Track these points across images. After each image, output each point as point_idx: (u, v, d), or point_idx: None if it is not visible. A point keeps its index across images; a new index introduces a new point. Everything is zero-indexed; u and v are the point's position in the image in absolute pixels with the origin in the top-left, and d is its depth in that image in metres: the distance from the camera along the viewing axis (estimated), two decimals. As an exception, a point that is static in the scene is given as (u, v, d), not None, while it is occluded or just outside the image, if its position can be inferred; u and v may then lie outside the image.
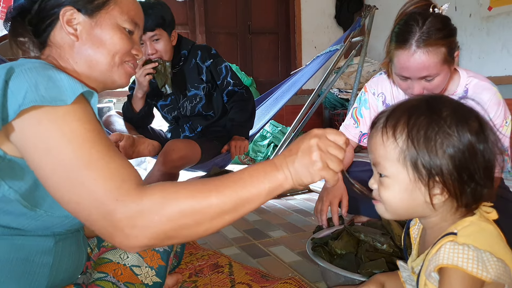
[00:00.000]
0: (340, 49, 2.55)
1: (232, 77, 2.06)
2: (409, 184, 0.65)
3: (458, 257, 0.59)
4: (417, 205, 0.66)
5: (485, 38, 3.40)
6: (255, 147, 3.78)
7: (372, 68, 4.35)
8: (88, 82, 0.83)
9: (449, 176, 0.62)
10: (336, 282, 1.10)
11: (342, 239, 1.22)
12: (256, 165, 0.71)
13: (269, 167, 0.69)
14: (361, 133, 1.59)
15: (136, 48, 0.89)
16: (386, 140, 0.67)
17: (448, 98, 0.68)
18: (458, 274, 0.59)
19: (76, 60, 0.82)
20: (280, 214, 2.08)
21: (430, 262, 0.63)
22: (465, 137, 0.62)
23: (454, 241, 0.61)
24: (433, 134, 0.63)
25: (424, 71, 1.19)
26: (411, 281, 0.72)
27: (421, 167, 0.63)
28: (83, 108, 0.69)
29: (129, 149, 1.78)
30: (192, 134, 2.12)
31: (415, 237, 0.76)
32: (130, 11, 0.87)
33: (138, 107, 1.99)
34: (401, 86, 1.30)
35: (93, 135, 0.67)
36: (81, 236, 0.91)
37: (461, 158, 0.62)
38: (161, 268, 1.03)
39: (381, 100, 1.52)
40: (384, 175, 0.68)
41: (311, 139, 0.68)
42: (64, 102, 0.66)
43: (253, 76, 4.35)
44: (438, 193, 0.64)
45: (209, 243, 1.66)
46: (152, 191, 0.65)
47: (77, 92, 0.67)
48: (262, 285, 1.22)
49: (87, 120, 0.68)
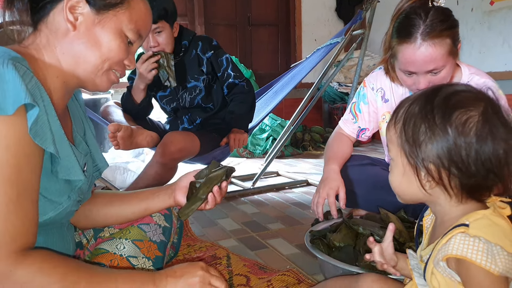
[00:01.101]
0: (340, 42, 2.53)
1: (233, 69, 2.04)
2: (403, 168, 0.68)
3: (468, 249, 0.59)
4: (414, 189, 0.68)
5: (486, 32, 3.39)
6: (253, 141, 3.77)
7: (372, 62, 4.33)
8: (67, 76, 0.77)
9: (432, 163, 0.64)
10: (334, 275, 1.09)
11: (340, 232, 1.21)
12: (135, 274, 0.74)
13: (147, 283, 0.72)
14: (359, 129, 1.57)
15: (129, 59, 0.83)
16: (391, 125, 0.71)
17: (450, 87, 0.67)
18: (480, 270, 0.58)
19: (64, 51, 0.76)
20: (278, 207, 2.07)
21: (439, 252, 0.63)
22: (447, 129, 0.62)
23: (465, 233, 0.61)
24: (420, 123, 0.65)
25: (431, 64, 1.17)
26: (418, 269, 0.72)
27: (409, 154, 0.66)
28: (18, 127, 0.63)
29: (127, 139, 1.77)
30: (191, 126, 2.10)
31: (427, 227, 0.76)
32: (139, 21, 0.82)
33: (139, 99, 1.97)
34: (406, 82, 1.27)
35: (12, 173, 0.62)
36: (65, 227, 0.89)
37: (443, 147, 0.63)
38: (158, 258, 1.02)
39: (380, 95, 1.51)
40: (391, 157, 0.72)
41: (197, 270, 0.78)
42: (4, 112, 0.61)
43: (252, 69, 4.32)
44: (427, 180, 0.66)
45: (207, 235, 1.66)
46: (32, 261, 0.63)
47: (19, 102, 0.61)
48: (260, 277, 1.22)
49: (15, 151, 0.62)
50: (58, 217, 0.78)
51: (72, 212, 0.86)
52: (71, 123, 0.88)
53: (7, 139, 0.62)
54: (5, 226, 0.62)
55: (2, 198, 0.62)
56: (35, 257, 0.64)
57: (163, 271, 0.77)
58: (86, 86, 0.81)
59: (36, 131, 0.65)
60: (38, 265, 0.64)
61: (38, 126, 0.65)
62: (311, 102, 2.70)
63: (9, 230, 0.62)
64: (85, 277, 0.67)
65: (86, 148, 0.90)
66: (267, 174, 2.80)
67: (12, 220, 0.63)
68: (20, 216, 0.64)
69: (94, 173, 0.95)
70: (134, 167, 2.55)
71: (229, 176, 1.04)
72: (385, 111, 1.50)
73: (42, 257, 0.65)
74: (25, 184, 0.65)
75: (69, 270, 0.66)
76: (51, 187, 0.74)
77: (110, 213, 1.01)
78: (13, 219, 0.63)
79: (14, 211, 0.63)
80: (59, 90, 0.77)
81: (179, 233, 1.22)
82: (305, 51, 4.54)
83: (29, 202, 0.66)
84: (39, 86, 0.68)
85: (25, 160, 0.64)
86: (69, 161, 0.75)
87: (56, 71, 0.76)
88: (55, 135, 0.70)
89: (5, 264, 0.61)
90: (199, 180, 1.02)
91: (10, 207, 0.63)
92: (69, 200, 0.79)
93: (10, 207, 0.63)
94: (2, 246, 0.61)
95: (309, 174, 2.84)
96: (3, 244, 0.61)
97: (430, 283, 0.67)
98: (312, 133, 4.10)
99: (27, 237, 0.65)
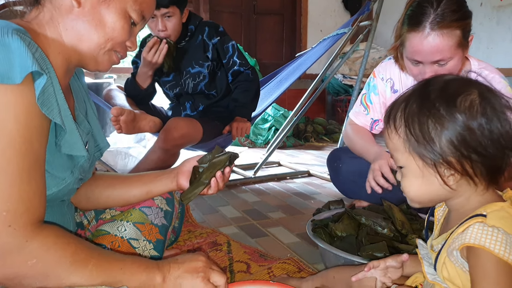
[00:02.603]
0: (347, 33, 2.50)
1: (239, 57, 2.01)
2: (420, 171, 0.65)
3: (486, 238, 0.58)
4: (436, 189, 0.66)
5: (494, 27, 3.35)
6: (256, 130, 3.75)
7: (378, 55, 4.30)
8: (69, 53, 0.76)
9: (452, 156, 0.62)
10: (335, 264, 1.08)
11: (342, 221, 1.20)
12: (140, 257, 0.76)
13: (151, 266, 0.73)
14: (372, 120, 1.55)
15: (131, 41, 0.83)
16: (390, 133, 0.68)
17: (440, 77, 0.67)
18: (491, 258, 0.58)
19: (67, 27, 0.75)
20: (279, 196, 2.07)
21: (454, 240, 0.63)
22: (455, 116, 0.61)
23: (483, 223, 0.60)
24: (425, 119, 0.63)
25: (437, 55, 1.15)
26: (428, 258, 0.71)
27: (424, 154, 0.63)
28: (27, 97, 0.61)
29: (129, 124, 1.76)
30: (193, 112, 2.09)
31: (439, 218, 0.75)
32: (143, 2, 0.81)
33: (146, 84, 1.96)
34: (413, 71, 1.26)
35: (23, 143, 0.61)
36: (65, 206, 0.88)
37: (458, 137, 0.61)
38: (159, 242, 1.02)
39: (389, 85, 1.49)
40: (400, 166, 0.69)
41: (200, 257, 0.79)
42: (12, 80, 0.59)
43: (256, 58, 4.29)
44: (450, 174, 0.63)
45: (207, 221, 1.65)
46: (47, 234, 0.63)
47: (27, 70, 0.60)
48: (260, 264, 1.21)
49: (24, 121, 0.61)
50: (60, 194, 0.78)
51: (74, 190, 0.85)
52: (73, 102, 0.87)
53: (16, 109, 0.60)
54: (19, 196, 0.61)
55: (14, 168, 0.61)
56: (49, 231, 0.64)
57: (165, 260, 0.77)
58: (87, 64, 0.80)
59: (44, 101, 0.63)
60: (53, 239, 0.63)
61: (45, 96, 0.64)
62: (315, 94, 2.68)
63: (24, 201, 0.61)
64: (94, 256, 0.66)
65: (88, 127, 0.89)
66: (269, 164, 2.80)
67: (26, 190, 0.62)
68: (33, 187, 0.63)
69: (95, 153, 0.94)
70: (136, 153, 2.54)
71: (232, 162, 1.03)
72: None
73: (56, 232, 0.65)
74: (35, 155, 0.64)
75: (79, 248, 0.66)
76: (54, 162, 0.73)
77: (111, 195, 1.01)
78: (26, 189, 0.62)
79: (28, 182, 0.62)
80: (60, 67, 0.76)
81: (181, 217, 1.21)
82: (310, 41, 4.49)
83: (38, 174, 0.65)
84: (44, 58, 0.67)
85: (35, 131, 0.63)
86: (73, 136, 0.74)
87: (58, 47, 0.75)
88: (60, 107, 0.69)
89: (21, 235, 0.60)
90: (202, 165, 1.01)
91: (23, 177, 0.61)
92: (72, 176, 0.78)
93: (23, 177, 0.61)
94: (19, 216, 0.60)
95: (310, 165, 2.84)
96: (19, 215, 0.60)
97: (440, 273, 0.66)
98: (315, 124, 4.09)
99: (40, 209, 0.64)
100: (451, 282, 0.64)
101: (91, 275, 0.64)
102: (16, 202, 0.60)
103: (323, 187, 2.25)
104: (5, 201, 0.59)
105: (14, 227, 0.59)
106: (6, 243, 0.59)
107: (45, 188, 0.67)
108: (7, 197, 0.59)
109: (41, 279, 0.62)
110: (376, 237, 1.12)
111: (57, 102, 0.67)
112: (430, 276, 0.68)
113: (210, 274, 0.77)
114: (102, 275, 0.65)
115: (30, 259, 0.60)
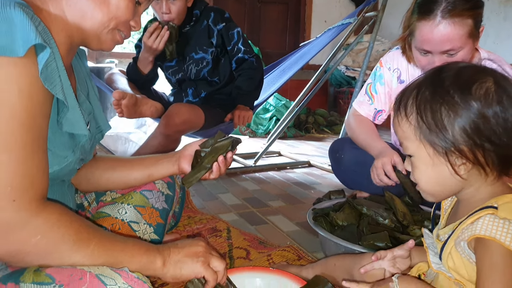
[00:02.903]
0: (353, 23, 2.47)
1: (244, 44, 1.99)
2: (430, 160, 0.64)
3: (497, 230, 0.58)
4: (446, 179, 0.64)
5: (502, 23, 3.32)
6: (256, 120, 3.74)
7: (382, 47, 4.26)
8: (72, 30, 0.74)
9: (464, 144, 0.61)
10: (335, 253, 1.08)
11: (344, 211, 1.20)
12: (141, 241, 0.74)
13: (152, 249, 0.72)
14: (375, 110, 1.54)
15: (135, 20, 0.82)
16: (401, 120, 0.67)
17: (452, 64, 0.65)
18: (499, 249, 0.57)
19: (70, 4, 0.73)
20: (280, 185, 2.06)
21: (463, 231, 0.62)
22: (469, 104, 0.60)
23: (494, 215, 0.59)
24: (439, 106, 0.61)
25: (447, 44, 1.13)
26: (433, 247, 0.70)
27: (435, 142, 0.62)
28: (30, 70, 0.60)
29: (131, 108, 1.74)
30: (195, 99, 2.07)
31: (446, 208, 0.74)
32: None
33: (146, 70, 1.94)
34: (421, 62, 1.24)
35: (26, 117, 0.59)
36: (66, 186, 0.87)
37: (471, 125, 0.60)
38: (159, 226, 1.01)
39: (396, 76, 1.48)
40: (410, 155, 0.67)
41: (200, 242, 0.79)
42: (15, 53, 0.57)
43: (260, 47, 4.26)
44: (461, 163, 0.62)
45: (207, 208, 1.65)
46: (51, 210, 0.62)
47: (30, 42, 0.58)
48: (260, 251, 1.21)
49: (28, 95, 0.59)
50: (61, 173, 0.77)
51: (75, 170, 0.85)
52: (75, 82, 0.85)
53: (19, 82, 0.59)
54: (23, 171, 0.59)
55: (18, 142, 0.59)
56: (53, 208, 0.63)
57: (165, 245, 0.76)
58: (90, 43, 0.79)
59: (47, 75, 0.62)
60: (56, 216, 0.62)
61: (49, 71, 0.63)
62: (317, 85, 2.66)
63: (28, 176, 0.60)
64: (96, 235, 0.66)
65: (90, 108, 0.88)
66: (269, 154, 2.79)
67: (30, 165, 0.60)
68: (36, 162, 0.62)
69: (96, 134, 0.93)
70: (136, 138, 2.53)
71: (235, 147, 1.02)
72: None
73: (60, 210, 0.64)
74: (38, 130, 0.63)
75: (82, 227, 0.65)
76: (56, 140, 0.72)
77: (112, 178, 1.00)
78: (30, 165, 0.61)
79: (31, 157, 0.61)
80: (63, 44, 0.74)
81: (181, 202, 1.21)
82: (314, 31, 4.46)
83: (42, 150, 0.64)
84: (47, 32, 0.65)
85: (38, 105, 0.62)
86: (75, 114, 0.73)
87: (61, 23, 0.73)
88: (63, 84, 0.67)
89: (26, 211, 0.59)
90: (205, 149, 1.00)
91: (27, 152, 0.60)
92: (73, 155, 0.77)
93: (27, 152, 0.60)
94: (23, 192, 0.59)
95: (311, 156, 2.83)
96: (23, 190, 0.59)
97: (445, 263, 0.65)
98: (316, 116, 4.07)
99: (43, 185, 0.63)
100: (456, 272, 0.64)
101: (93, 254, 0.63)
102: (21, 177, 0.59)
103: (323, 177, 2.24)
104: (9, 176, 0.58)
105: (18, 203, 0.58)
106: (10, 218, 0.58)
107: (48, 165, 0.66)
108: (12, 172, 0.58)
109: (43, 256, 0.61)
110: (377, 227, 1.11)
111: (59, 78, 0.66)
112: (435, 265, 0.67)
113: (210, 259, 0.77)
114: (103, 255, 0.64)
115: (34, 235, 0.59)
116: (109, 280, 0.60)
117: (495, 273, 0.57)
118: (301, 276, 0.99)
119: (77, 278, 0.59)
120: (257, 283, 0.93)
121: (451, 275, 0.65)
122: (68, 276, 0.59)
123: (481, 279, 0.59)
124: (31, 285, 0.58)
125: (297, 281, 0.91)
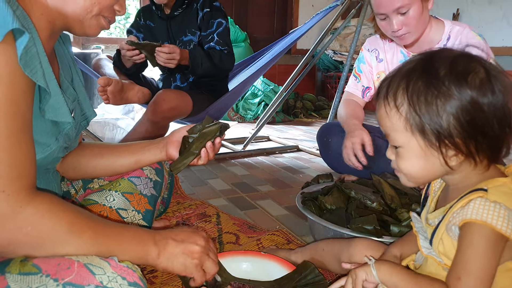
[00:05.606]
0: (340, 5, 2.46)
1: (220, 36, 1.90)
2: (422, 151, 0.63)
3: (488, 214, 0.58)
4: (436, 170, 0.64)
5: (486, 6, 3.33)
6: (245, 105, 3.72)
7: (369, 31, 4.25)
8: (53, 14, 0.72)
9: (458, 137, 0.60)
10: (324, 236, 1.09)
11: (332, 195, 1.21)
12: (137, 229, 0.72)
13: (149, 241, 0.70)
14: (363, 87, 1.62)
15: (120, 4, 0.79)
16: (389, 111, 0.64)
17: (444, 53, 0.64)
18: (483, 230, 0.58)
19: None
20: (268, 170, 2.07)
21: (454, 216, 0.62)
22: (466, 94, 0.59)
23: (485, 198, 0.59)
24: (433, 98, 0.60)
25: (396, 2, 1.25)
26: (423, 232, 0.70)
27: (428, 133, 0.61)
28: (10, 56, 0.57)
29: (117, 94, 1.72)
30: (184, 84, 2.05)
31: (435, 190, 0.74)
32: None
33: (128, 65, 1.90)
34: (383, 27, 1.36)
35: (10, 106, 0.58)
36: (50, 174, 0.86)
37: (466, 116, 0.59)
38: (148, 212, 1.01)
39: (374, 55, 1.59)
40: (397, 145, 0.66)
41: (200, 239, 0.76)
42: None
43: (247, 31, 4.21)
44: (453, 155, 0.62)
45: (196, 193, 1.65)
46: (41, 200, 0.60)
47: (7, 27, 0.55)
48: (249, 235, 1.22)
49: (9, 82, 0.57)
50: (44, 162, 0.75)
51: (58, 159, 0.83)
52: (58, 68, 0.83)
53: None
54: (11, 160, 0.58)
55: (4, 131, 0.57)
56: (44, 197, 0.61)
57: (164, 232, 0.74)
58: (73, 28, 0.76)
59: (26, 61, 0.60)
60: (47, 206, 0.60)
61: (28, 56, 0.60)
62: (305, 69, 2.66)
63: (16, 165, 0.58)
64: (90, 226, 0.64)
65: (74, 94, 0.85)
66: (258, 139, 2.79)
67: (17, 155, 0.59)
68: (24, 151, 0.60)
69: (82, 121, 0.91)
70: (124, 124, 2.50)
71: (223, 133, 1.01)
72: (380, 70, 1.58)
73: (51, 199, 0.62)
74: (23, 118, 0.61)
75: (76, 217, 0.63)
76: (38, 127, 0.70)
77: (99, 165, 0.98)
78: (18, 154, 0.59)
79: (18, 145, 0.59)
80: (44, 29, 0.72)
81: (170, 188, 1.21)
82: (302, 16, 4.42)
83: (28, 138, 0.62)
84: (26, 17, 0.63)
85: (21, 92, 0.60)
86: (57, 101, 0.71)
87: (41, 7, 0.70)
88: (44, 70, 0.65)
89: (15, 201, 0.57)
90: (193, 135, 0.99)
91: (13, 141, 0.58)
92: (56, 143, 0.75)
93: (13, 141, 0.58)
94: (12, 182, 0.57)
95: (299, 140, 2.84)
96: (12, 180, 0.58)
97: (436, 248, 0.65)
98: (304, 100, 4.07)
99: (32, 174, 0.62)
100: (446, 257, 0.64)
101: (86, 245, 0.62)
102: (9, 166, 0.58)
103: (311, 162, 2.26)
104: None
105: (8, 193, 0.57)
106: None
107: (35, 153, 0.64)
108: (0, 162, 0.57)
109: (36, 247, 0.60)
110: (366, 210, 1.12)
111: (40, 64, 0.64)
112: (425, 250, 0.67)
113: (205, 261, 0.75)
114: (97, 246, 0.63)
115: (25, 226, 0.58)
116: (97, 269, 0.59)
117: (476, 250, 0.58)
118: (290, 260, 1.00)
119: (65, 267, 0.58)
120: (247, 267, 0.94)
121: (441, 260, 0.65)
122: (55, 266, 0.58)
123: (459, 255, 0.60)
124: (17, 276, 0.57)
125: (286, 266, 0.92)
